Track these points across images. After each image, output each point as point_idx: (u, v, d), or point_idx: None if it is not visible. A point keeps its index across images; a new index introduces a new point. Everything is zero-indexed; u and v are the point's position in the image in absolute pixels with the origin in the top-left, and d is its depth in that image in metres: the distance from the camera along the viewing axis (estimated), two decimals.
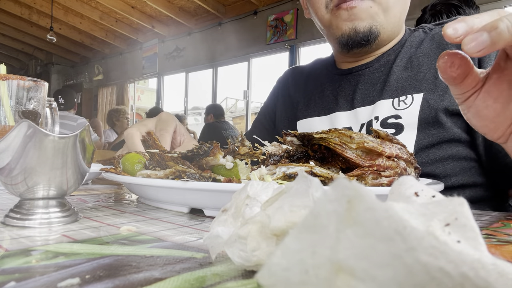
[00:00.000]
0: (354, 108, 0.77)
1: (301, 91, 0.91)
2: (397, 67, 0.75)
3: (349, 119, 0.77)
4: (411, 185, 0.19)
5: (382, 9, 0.71)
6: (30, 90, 0.43)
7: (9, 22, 5.49)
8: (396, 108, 0.71)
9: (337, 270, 0.12)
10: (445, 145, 0.68)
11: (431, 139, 0.68)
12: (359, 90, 0.78)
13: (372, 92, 0.76)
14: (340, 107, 0.80)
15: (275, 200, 0.20)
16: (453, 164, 0.67)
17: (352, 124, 0.77)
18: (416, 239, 0.12)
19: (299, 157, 0.47)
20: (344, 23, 0.72)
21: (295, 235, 0.13)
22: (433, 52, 0.73)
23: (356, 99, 0.77)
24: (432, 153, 0.68)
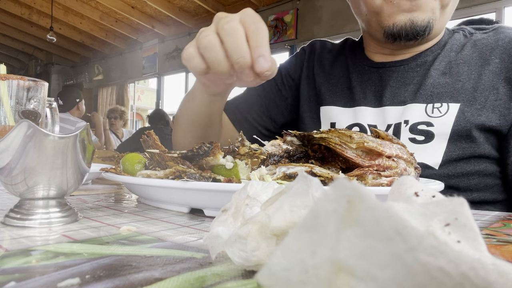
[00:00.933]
0: (382, 105, 0.73)
1: (325, 73, 0.85)
2: (435, 71, 0.71)
3: (375, 117, 0.74)
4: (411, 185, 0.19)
5: (441, 4, 0.67)
6: (30, 90, 0.43)
7: (9, 22, 5.49)
8: (429, 114, 0.68)
9: (337, 270, 0.12)
10: (474, 160, 0.66)
11: (461, 152, 0.65)
12: (389, 87, 0.73)
13: (403, 92, 0.72)
14: (367, 102, 0.75)
15: (275, 200, 0.20)
16: (478, 180, 0.66)
17: (378, 122, 0.73)
18: (416, 239, 0.12)
19: (299, 157, 0.47)
20: (402, 14, 0.66)
21: (295, 235, 0.13)
22: (474, 62, 0.70)
23: (385, 96, 0.73)
24: (460, 166, 0.66)
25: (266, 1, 4.35)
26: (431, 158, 0.67)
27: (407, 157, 0.45)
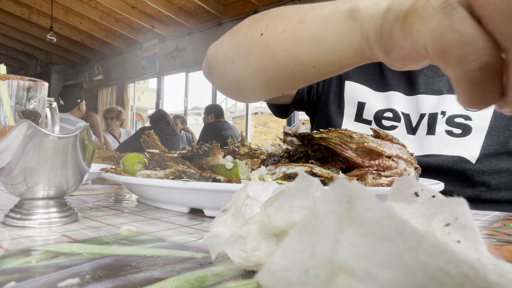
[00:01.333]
0: (416, 93, 0.71)
1: None
2: None
3: (407, 105, 0.71)
4: (411, 185, 0.19)
5: None
6: (30, 90, 0.43)
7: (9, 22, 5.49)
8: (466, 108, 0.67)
9: (337, 270, 0.12)
10: (506, 157, 0.65)
11: (497, 147, 0.65)
12: (423, 75, 0.71)
13: (438, 81, 0.70)
14: (399, 88, 0.73)
15: (275, 200, 0.20)
16: (508, 178, 0.65)
17: (411, 111, 0.71)
18: (416, 239, 0.12)
19: (299, 157, 0.47)
20: None
21: (295, 235, 0.13)
22: None
23: (418, 83, 0.71)
24: (494, 163, 0.65)
25: (266, 1, 4.34)
26: (468, 151, 0.66)
27: (407, 157, 0.45)
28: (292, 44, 0.40)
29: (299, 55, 0.39)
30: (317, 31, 0.37)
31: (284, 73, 0.42)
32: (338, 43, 0.35)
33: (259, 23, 0.45)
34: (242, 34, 0.47)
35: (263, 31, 0.43)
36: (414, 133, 0.70)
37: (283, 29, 0.41)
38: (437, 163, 0.67)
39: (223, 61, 0.50)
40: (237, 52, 0.47)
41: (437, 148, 0.68)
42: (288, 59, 0.41)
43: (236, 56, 0.47)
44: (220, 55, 0.51)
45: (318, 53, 0.37)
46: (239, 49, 0.47)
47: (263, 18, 0.45)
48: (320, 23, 0.37)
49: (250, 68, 0.46)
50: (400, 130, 0.71)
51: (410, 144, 0.70)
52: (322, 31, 0.37)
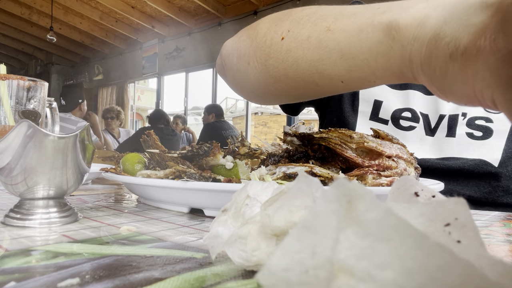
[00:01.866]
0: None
1: None
2: None
3: (426, 105, 0.69)
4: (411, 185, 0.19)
5: None
6: (30, 90, 0.43)
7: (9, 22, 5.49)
8: (487, 110, 0.65)
9: (337, 270, 0.12)
10: None
11: None
12: None
13: None
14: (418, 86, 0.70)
15: (275, 200, 0.20)
16: None
17: (430, 112, 0.69)
18: (416, 239, 0.12)
19: (299, 157, 0.47)
20: None
21: (295, 235, 0.13)
22: None
23: None
24: None
25: (266, 1, 4.34)
26: (490, 154, 0.65)
27: (407, 157, 0.45)
28: (317, 55, 0.35)
29: (325, 68, 0.35)
30: (347, 44, 0.32)
31: (307, 84, 0.38)
32: (372, 62, 0.31)
33: (280, 25, 0.40)
34: (260, 35, 0.43)
35: (284, 35, 0.39)
36: (433, 135, 0.69)
37: (307, 36, 0.36)
38: (457, 166, 0.66)
39: (239, 62, 0.46)
40: (254, 56, 0.43)
41: (457, 151, 0.66)
42: (312, 71, 0.36)
43: (253, 60, 0.43)
44: (236, 55, 0.47)
45: (348, 69, 0.33)
46: (256, 52, 0.43)
47: (285, 20, 0.41)
48: (351, 35, 0.32)
49: (269, 74, 0.41)
50: (418, 131, 0.69)
51: (428, 146, 0.68)
52: (353, 45, 0.32)
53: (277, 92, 0.43)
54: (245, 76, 0.46)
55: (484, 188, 0.66)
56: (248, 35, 0.46)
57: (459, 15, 0.23)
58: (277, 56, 0.40)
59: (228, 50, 0.51)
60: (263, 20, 0.46)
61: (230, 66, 0.50)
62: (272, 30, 0.42)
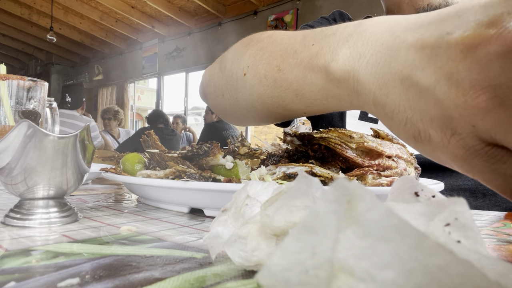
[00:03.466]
0: None
1: None
2: None
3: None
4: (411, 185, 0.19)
5: None
6: (30, 90, 0.43)
7: (9, 22, 5.49)
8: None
9: (337, 270, 0.12)
10: None
11: None
12: None
13: None
14: None
15: (275, 200, 0.20)
16: None
17: None
18: (416, 239, 0.12)
19: (299, 157, 0.47)
20: None
21: (295, 235, 0.13)
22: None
23: None
24: None
25: (266, 1, 4.34)
26: None
27: (407, 157, 0.45)
28: (276, 92, 0.37)
29: (285, 103, 0.37)
30: (297, 86, 0.34)
31: (275, 115, 0.41)
32: (325, 102, 0.33)
33: (241, 60, 0.43)
34: (227, 69, 0.45)
35: (245, 71, 0.41)
36: None
37: (263, 74, 0.38)
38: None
39: (215, 93, 0.49)
40: (226, 89, 0.46)
41: None
42: (275, 105, 0.39)
43: (226, 93, 0.46)
44: (212, 86, 0.50)
45: (305, 106, 0.35)
46: (227, 86, 0.45)
47: (244, 53, 0.43)
48: (298, 78, 0.34)
49: (241, 107, 0.44)
50: None
51: None
52: (303, 87, 0.34)
53: (253, 120, 0.46)
54: (221, 106, 0.49)
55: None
56: (220, 68, 0.48)
57: (390, 78, 0.23)
58: (244, 91, 0.42)
59: (206, 79, 0.53)
60: (228, 52, 0.48)
61: (209, 95, 0.53)
62: (235, 65, 0.44)
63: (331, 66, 0.29)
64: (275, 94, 0.38)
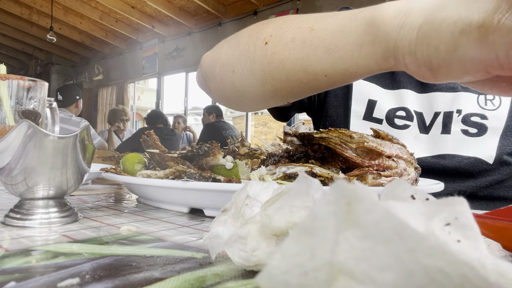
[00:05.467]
0: (429, 91, 0.69)
1: None
2: None
3: (420, 103, 0.70)
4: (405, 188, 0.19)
5: None
6: (30, 90, 0.43)
7: (9, 22, 5.49)
8: (482, 106, 0.66)
9: (337, 272, 0.12)
10: None
11: None
12: None
13: None
14: (410, 85, 0.71)
15: (275, 201, 0.20)
16: None
17: (424, 110, 0.69)
18: (415, 240, 0.12)
19: (299, 157, 0.47)
20: None
21: (294, 237, 0.13)
22: None
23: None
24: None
25: (266, 1, 4.34)
26: (484, 152, 0.66)
27: (407, 157, 0.45)
28: (302, 53, 0.38)
29: (310, 64, 0.38)
30: (331, 40, 0.35)
31: (292, 83, 0.41)
32: (356, 52, 0.34)
33: (262, 32, 0.43)
34: (242, 44, 0.45)
35: (267, 39, 0.42)
36: (427, 132, 0.69)
37: (291, 38, 0.39)
38: (453, 166, 0.66)
39: (222, 72, 0.48)
40: (239, 63, 0.45)
41: (452, 148, 0.67)
42: (298, 69, 0.39)
43: (238, 67, 0.45)
44: (219, 66, 0.49)
45: (332, 62, 0.36)
46: (240, 59, 0.45)
47: (265, 27, 0.44)
48: (335, 31, 0.35)
49: (255, 78, 0.44)
50: (412, 129, 0.69)
51: (422, 143, 0.68)
52: (338, 39, 0.35)
53: (264, 95, 0.45)
54: (230, 85, 0.48)
55: (481, 183, 0.66)
56: (229, 46, 0.48)
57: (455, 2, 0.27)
58: (262, 60, 0.42)
59: (208, 62, 0.52)
60: (242, 31, 0.48)
61: (213, 77, 0.51)
62: (254, 37, 0.44)
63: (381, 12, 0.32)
64: (300, 56, 0.38)
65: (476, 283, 0.11)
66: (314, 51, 0.37)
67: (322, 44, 0.36)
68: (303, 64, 0.38)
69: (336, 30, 0.35)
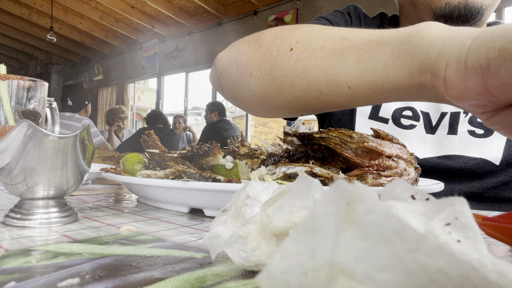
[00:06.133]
0: None
1: None
2: None
3: (427, 103, 0.69)
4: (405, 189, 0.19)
5: None
6: (30, 90, 0.43)
7: (9, 22, 5.49)
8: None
9: (337, 272, 0.12)
10: None
11: None
12: None
13: None
14: None
15: (275, 201, 0.20)
16: None
17: (431, 110, 0.69)
18: (415, 240, 0.12)
19: (299, 157, 0.47)
20: None
21: (294, 237, 0.13)
22: None
23: None
24: None
25: (266, 1, 4.34)
26: (491, 153, 0.66)
27: (407, 157, 0.45)
28: (331, 62, 0.36)
29: (335, 73, 0.36)
30: (366, 49, 0.33)
31: (311, 93, 0.39)
32: (390, 62, 0.31)
33: (287, 38, 0.42)
34: (265, 47, 0.44)
35: (293, 45, 0.40)
36: (433, 133, 0.69)
37: (320, 46, 0.38)
38: (459, 167, 0.66)
39: (238, 74, 0.47)
40: (258, 67, 0.44)
41: (458, 149, 0.66)
42: (322, 78, 0.37)
43: (256, 71, 0.44)
44: (236, 67, 0.48)
45: (360, 72, 0.34)
46: (260, 63, 0.43)
47: (291, 33, 0.42)
48: (371, 41, 0.33)
49: (273, 84, 0.42)
50: (418, 129, 0.69)
51: (428, 144, 0.68)
52: (373, 49, 0.33)
53: (279, 103, 0.43)
54: (245, 87, 0.46)
55: (487, 184, 0.66)
56: (249, 48, 0.47)
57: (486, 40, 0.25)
58: (285, 66, 0.40)
59: (225, 62, 0.51)
60: (264, 33, 0.47)
61: (228, 78, 0.50)
62: (279, 42, 0.42)
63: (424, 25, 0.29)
64: (328, 64, 0.37)
65: (476, 283, 0.11)
66: (343, 60, 0.35)
67: (355, 53, 0.34)
68: (328, 73, 0.36)
69: (372, 40, 0.33)
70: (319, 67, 0.37)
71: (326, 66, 0.37)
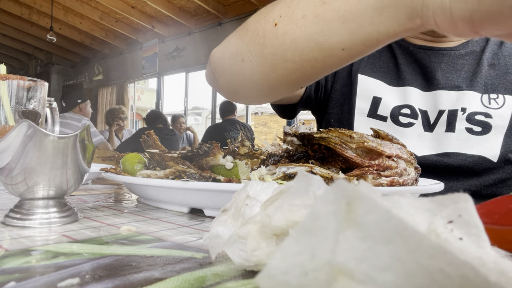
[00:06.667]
0: (433, 89, 0.69)
1: None
2: (485, 61, 0.69)
3: (425, 101, 0.70)
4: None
5: None
6: (30, 90, 0.43)
7: (9, 22, 5.49)
8: (485, 105, 0.66)
9: (337, 273, 0.12)
10: None
11: None
12: (441, 71, 0.69)
13: (456, 77, 0.69)
14: (416, 83, 0.71)
15: (275, 200, 0.20)
16: None
17: (429, 108, 0.69)
18: (416, 241, 0.12)
19: (299, 157, 0.47)
20: None
21: (294, 237, 0.13)
22: None
23: (436, 78, 0.69)
24: None
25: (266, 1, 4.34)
26: (489, 150, 0.66)
27: (407, 157, 0.45)
28: (316, 28, 0.36)
29: (325, 38, 0.35)
30: (346, 9, 0.33)
31: (306, 62, 0.38)
32: (376, 17, 0.31)
33: (270, 14, 0.41)
34: (251, 31, 0.43)
35: (276, 21, 0.40)
36: (432, 131, 0.69)
37: (302, 15, 0.37)
38: (457, 164, 0.66)
39: (231, 63, 0.47)
40: (248, 50, 0.43)
41: (456, 146, 0.67)
42: (312, 45, 0.37)
43: (247, 55, 0.43)
44: (227, 57, 0.47)
45: (350, 32, 0.33)
46: (249, 46, 0.43)
47: (273, 9, 0.41)
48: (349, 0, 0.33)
49: (266, 64, 0.42)
50: (416, 127, 0.69)
51: (427, 142, 0.68)
52: (354, 7, 0.33)
53: (276, 82, 0.43)
54: (240, 75, 0.46)
55: (484, 182, 0.66)
56: (238, 36, 0.47)
57: None
58: (273, 42, 0.40)
59: (217, 56, 0.51)
60: (249, 19, 0.47)
61: (222, 71, 0.50)
62: (262, 21, 0.42)
63: None
64: (314, 31, 0.36)
65: (476, 283, 0.11)
66: (328, 24, 0.35)
67: (337, 15, 0.34)
68: (317, 40, 0.36)
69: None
70: (306, 35, 0.37)
71: (313, 33, 0.36)
